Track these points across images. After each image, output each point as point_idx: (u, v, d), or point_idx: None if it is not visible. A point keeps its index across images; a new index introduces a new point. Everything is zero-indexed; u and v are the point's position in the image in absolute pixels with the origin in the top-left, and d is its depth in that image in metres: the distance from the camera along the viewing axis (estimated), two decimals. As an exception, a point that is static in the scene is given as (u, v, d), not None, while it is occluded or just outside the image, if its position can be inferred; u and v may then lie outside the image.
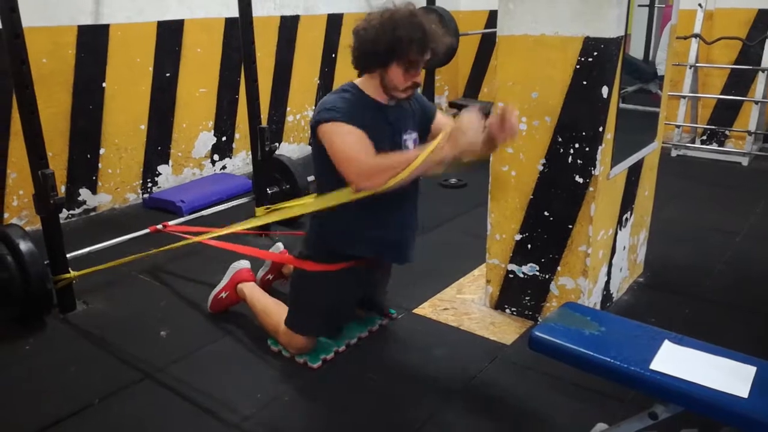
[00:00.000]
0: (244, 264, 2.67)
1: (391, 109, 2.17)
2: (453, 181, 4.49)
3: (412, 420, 2.04)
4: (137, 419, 2.07)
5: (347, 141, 2.01)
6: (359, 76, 2.17)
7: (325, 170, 2.13)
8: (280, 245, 2.83)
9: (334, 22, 5.25)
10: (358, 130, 2.02)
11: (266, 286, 2.78)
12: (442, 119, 2.33)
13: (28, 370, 2.33)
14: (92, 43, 3.75)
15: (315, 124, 2.07)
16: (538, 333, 1.74)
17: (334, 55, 5.34)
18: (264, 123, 3.51)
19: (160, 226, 3.15)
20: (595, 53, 2.18)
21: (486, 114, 1.98)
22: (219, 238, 2.70)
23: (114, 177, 4.06)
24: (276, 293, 2.66)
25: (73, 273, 2.65)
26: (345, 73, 5.55)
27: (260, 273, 2.83)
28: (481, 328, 2.57)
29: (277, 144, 4.71)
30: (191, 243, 2.84)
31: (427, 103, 2.35)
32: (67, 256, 2.69)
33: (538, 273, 2.53)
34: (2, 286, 2.55)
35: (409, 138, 2.22)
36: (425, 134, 2.29)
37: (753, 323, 2.61)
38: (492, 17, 6.01)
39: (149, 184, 4.26)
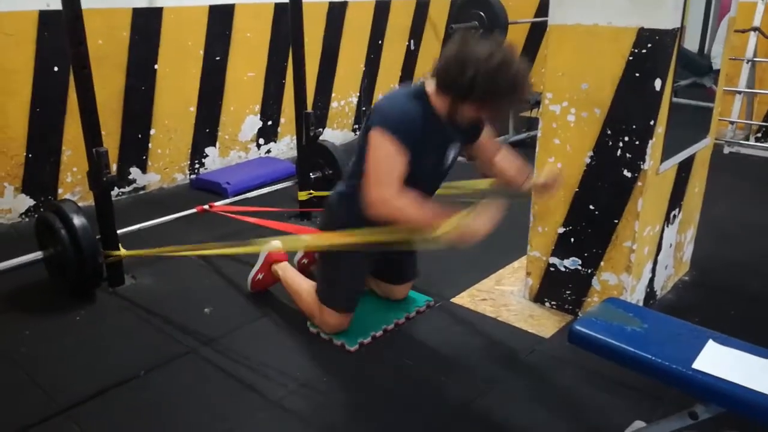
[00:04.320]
0: (276, 244, 2.70)
1: (449, 124, 2.14)
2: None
3: (447, 408, 2.06)
4: (181, 392, 2.14)
5: (384, 160, 2.01)
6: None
7: (362, 168, 2.13)
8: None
9: (382, 8, 5.24)
10: (399, 151, 2.00)
11: (304, 270, 2.79)
12: (487, 142, 2.31)
13: (78, 341, 2.43)
14: (146, 25, 3.84)
15: (370, 125, 2.06)
16: (578, 327, 1.72)
17: (380, 42, 5.34)
18: (309, 108, 3.55)
19: (206, 207, 3.22)
20: (650, 45, 2.13)
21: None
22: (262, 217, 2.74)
23: (163, 157, 4.16)
24: (313, 277, 2.69)
25: (123, 251, 2.72)
26: (391, 59, 5.55)
27: (297, 257, 2.86)
28: (520, 320, 2.56)
29: (321, 129, 4.74)
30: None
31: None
32: (117, 232, 2.77)
33: (580, 267, 2.51)
34: (56, 259, 2.66)
35: (453, 148, 2.23)
36: (469, 143, 2.29)
37: (803, 327, 2.53)
38: (542, 6, 5.91)
39: (196, 165, 4.36)
